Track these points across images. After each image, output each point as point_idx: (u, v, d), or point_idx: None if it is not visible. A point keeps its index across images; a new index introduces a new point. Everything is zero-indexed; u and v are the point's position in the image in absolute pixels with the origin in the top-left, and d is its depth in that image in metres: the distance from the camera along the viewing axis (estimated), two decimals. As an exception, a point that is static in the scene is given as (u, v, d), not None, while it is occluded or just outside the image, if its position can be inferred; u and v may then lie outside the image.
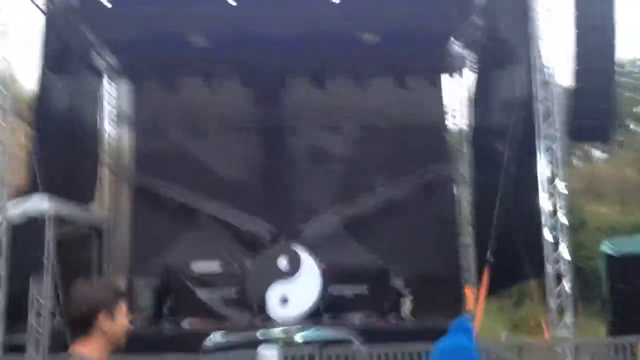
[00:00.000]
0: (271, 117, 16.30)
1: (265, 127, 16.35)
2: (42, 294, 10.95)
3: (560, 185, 10.49)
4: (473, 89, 15.15)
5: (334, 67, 15.38)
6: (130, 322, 2.52)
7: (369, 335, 9.77)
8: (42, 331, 10.69)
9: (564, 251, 10.29)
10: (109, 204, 15.77)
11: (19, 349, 10.51)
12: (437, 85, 15.97)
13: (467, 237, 15.39)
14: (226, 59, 15.06)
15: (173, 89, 15.11)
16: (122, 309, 2.64)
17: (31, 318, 10.51)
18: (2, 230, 9.90)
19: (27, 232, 10.85)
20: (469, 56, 15.23)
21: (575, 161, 24.36)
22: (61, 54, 12.70)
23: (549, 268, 10.23)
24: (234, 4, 12.21)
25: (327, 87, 15.18)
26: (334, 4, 12.44)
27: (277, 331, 10.45)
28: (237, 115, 16.16)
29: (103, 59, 15.34)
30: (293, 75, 15.54)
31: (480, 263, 13.28)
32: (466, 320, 3.35)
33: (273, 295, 12.39)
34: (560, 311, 10.39)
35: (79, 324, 2.53)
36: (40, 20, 12.50)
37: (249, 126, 16.26)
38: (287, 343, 9.78)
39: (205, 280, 12.73)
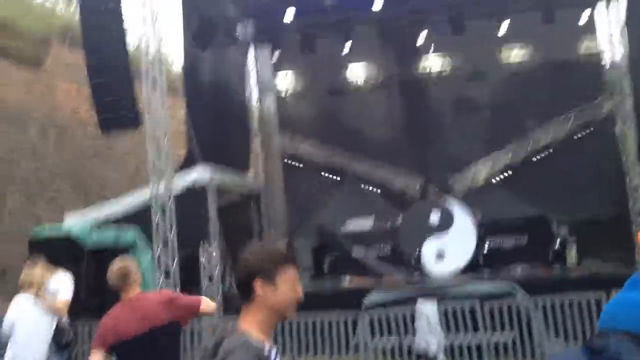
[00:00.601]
0: (411, 69, 15.98)
1: (407, 80, 16.08)
2: (210, 259, 11.61)
3: None
4: (625, 15, 13.82)
5: (471, 9, 14.62)
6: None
7: (533, 287, 9.40)
8: (214, 295, 11.36)
9: None
10: (263, 169, 16.36)
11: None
12: (590, 16, 14.69)
13: (635, 177, 14.22)
14: (361, 15, 14.88)
15: (313, 50, 15.18)
16: (287, 275, 2.32)
17: (203, 283, 11.17)
18: (170, 201, 10.55)
19: (190, 202, 11.49)
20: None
21: None
22: (203, 28, 13.09)
23: None
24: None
25: (466, 31, 14.47)
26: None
27: (435, 286, 10.38)
28: (378, 70, 16.01)
29: (245, 30, 15.75)
30: (430, 23, 14.99)
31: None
32: None
33: (428, 250, 12.27)
34: None
35: (241, 291, 2.32)
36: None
37: (390, 81, 16.07)
38: (445, 297, 9.68)
39: (360, 239, 12.87)
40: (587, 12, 14.74)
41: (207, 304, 4.25)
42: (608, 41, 14.97)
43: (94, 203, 13.38)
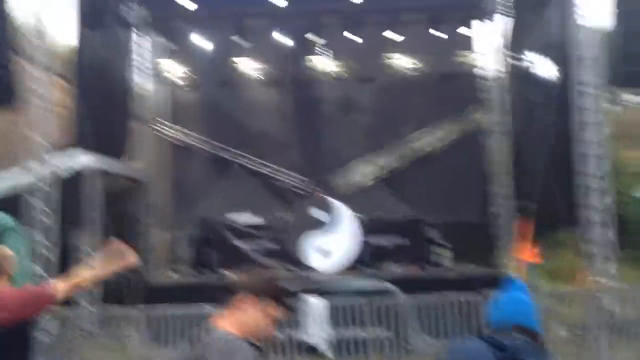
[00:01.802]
0: (301, 68, 16.28)
1: (296, 79, 16.35)
2: (91, 246, 11.30)
3: (598, 132, 10.42)
4: (508, 34, 14.90)
5: (365, 14, 15.17)
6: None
7: (410, 285, 9.98)
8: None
9: (606, 199, 10.30)
10: (149, 157, 16.01)
11: (72, 301, 10.89)
12: (469, 32, 15.69)
13: (501, 186, 15.38)
14: (259, 9, 14.97)
15: (208, 40, 15.05)
16: (272, 308, 2.59)
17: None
18: (54, 188, 10.15)
19: (72, 187, 11.09)
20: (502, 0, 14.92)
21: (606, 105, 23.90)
22: (95, 9, 12.67)
23: (591, 215, 10.25)
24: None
25: (359, 34, 15.01)
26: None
27: (320, 281, 10.74)
28: (270, 68, 16.16)
29: (132, 12, 15.27)
30: (326, 23, 15.38)
31: (520, 211, 13.32)
32: (515, 279, 3.33)
33: (312, 245, 12.62)
34: (603, 259, 10.44)
35: (228, 295, 2.59)
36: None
37: (283, 78, 16.27)
38: (329, 293, 10.05)
39: (245, 232, 12.98)
40: (468, 27, 15.68)
41: (67, 285, 3.85)
42: (485, 56, 16.07)
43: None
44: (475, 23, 15.99)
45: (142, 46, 15.71)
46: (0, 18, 10.07)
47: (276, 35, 15.27)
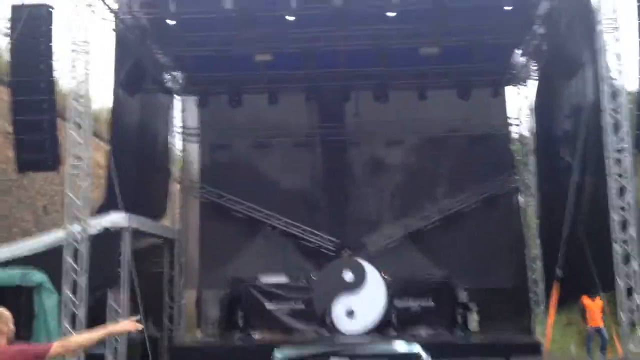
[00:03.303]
0: (334, 131, 16.54)
1: (328, 141, 16.58)
2: (119, 303, 11.44)
3: (630, 199, 10.28)
4: (535, 98, 15.01)
5: (396, 80, 15.49)
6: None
7: (436, 349, 9.77)
8: (120, 340, 11.14)
9: (635, 265, 10.07)
10: (179, 216, 16.29)
11: (99, 358, 10.97)
12: (501, 96, 15.82)
13: (534, 249, 15.19)
14: (291, 75, 15.40)
15: (239, 104, 15.50)
16: None
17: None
18: (84, 246, 10.39)
19: (103, 246, 11.32)
20: (532, 66, 15.07)
21: None
22: (134, 74, 13.17)
23: (620, 282, 10.02)
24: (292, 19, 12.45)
25: (389, 100, 15.28)
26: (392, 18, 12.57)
27: (344, 343, 10.60)
28: (300, 130, 16.46)
29: (174, 79, 15.91)
30: (356, 89, 15.71)
31: (549, 276, 13.10)
32: None
33: (339, 307, 12.55)
34: (632, 325, 10.16)
35: None
36: (111, 40, 12.90)
37: (312, 140, 16.54)
38: (354, 356, 9.89)
39: (273, 293, 12.98)
40: (500, 92, 15.83)
41: (60, 344, 4.01)
42: (517, 119, 16.15)
43: (1, 242, 12.92)
44: (508, 89, 16.15)
45: (174, 107, 16.26)
46: (45, 82, 10.56)
47: (306, 99, 15.57)
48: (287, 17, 12.45)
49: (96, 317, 11.15)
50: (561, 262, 11.32)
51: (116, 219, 11.44)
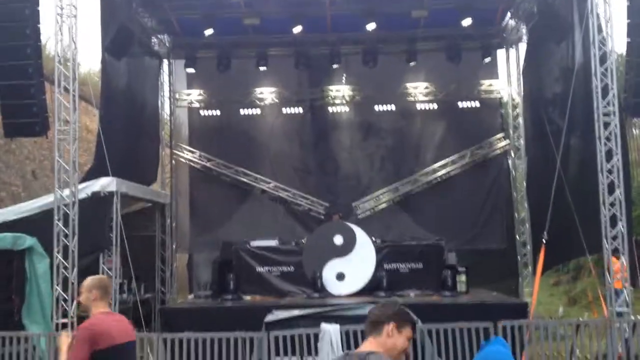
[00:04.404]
0: (323, 94, 16.51)
1: (318, 105, 16.57)
2: (111, 267, 11.52)
3: (618, 162, 10.35)
4: (524, 61, 14.99)
5: (384, 44, 15.42)
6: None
7: (425, 311, 9.94)
8: (111, 303, 11.23)
9: (622, 228, 10.19)
10: (169, 180, 16.31)
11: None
12: (491, 60, 15.77)
13: (523, 211, 15.36)
14: (279, 39, 15.31)
15: (227, 67, 15.40)
16: (407, 332, 3.17)
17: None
18: (74, 211, 10.40)
19: (93, 210, 11.33)
20: (522, 29, 15.01)
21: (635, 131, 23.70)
22: (120, 38, 13.00)
23: (606, 245, 10.16)
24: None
25: (378, 64, 15.23)
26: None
27: (334, 306, 10.77)
28: (290, 94, 16.42)
29: (161, 42, 15.75)
30: (345, 54, 15.63)
31: (536, 238, 13.27)
32: (503, 340, 3.85)
33: (329, 270, 12.67)
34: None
35: (373, 326, 3.15)
36: (96, 3, 12.67)
37: (302, 104, 16.51)
38: (344, 318, 10.08)
39: (263, 256, 13.08)
40: (491, 55, 15.76)
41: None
42: (506, 83, 16.14)
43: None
44: (498, 52, 16.08)
45: (162, 71, 16.14)
46: (32, 47, 10.43)
47: (295, 63, 15.51)
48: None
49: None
50: (548, 225, 11.44)
51: (105, 183, 11.43)
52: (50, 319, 10.19)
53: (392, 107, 16.31)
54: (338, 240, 12.91)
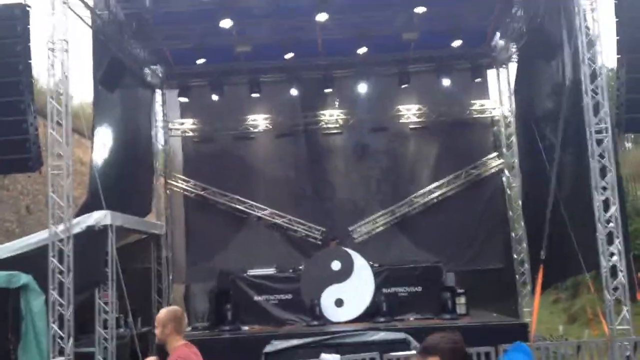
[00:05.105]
0: (316, 119, 16.55)
1: (311, 130, 16.60)
2: (107, 302, 11.38)
3: (613, 178, 10.35)
4: (515, 79, 15.07)
5: (376, 67, 15.51)
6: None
7: (425, 335, 9.85)
8: (109, 338, 11.11)
9: (619, 245, 10.16)
10: (164, 211, 16.24)
11: (88, 357, 10.94)
12: (482, 79, 15.87)
13: (519, 230, 15.33)
14: (272, 65, 15.38)
15: (220, 95, 15.47)
16: None
17: (99, 328, 10.95)
18: (69, 247, 10.31)
19: (88, 245, 11.22)
20: (512, 48, 15.12)
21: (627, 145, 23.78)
22: (112, 70, 12.98)
23: (604, 262, 10.11)
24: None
25: (371, 86, 15.31)
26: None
27: (334, 334, 10.68)
28: (283, 119, 16.45)
29: (154, 73, 15.80)
30: (337, 77, 15.71)
31: (534, 257, 13.22)
32: (525, 345, 3.76)
33: (328, 297, 12.60)
34: (618, 304, 10.26)
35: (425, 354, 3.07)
36: (88, 36, 12.63)
37: (296, 130, 16.53)
38: (343, 346, 9.99)
39: (260, 284, 13.00)
40: (482, 75, 15.87)
41: None
42: (498, 102, 16.21)
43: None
44: (488, 72, 16.18)
45: (155, 101, 16.18)
46: (24, 84, 10.40)
47: (288, 88, 15.58)
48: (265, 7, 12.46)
49: (84, 317, 11.14)
50: (545, 243, 11.40)
51: (99, 216, 11.34)
52: (47, 357, 10.05)
53: (386, 129, 16.34)
54: (336, 265, 12.85)
